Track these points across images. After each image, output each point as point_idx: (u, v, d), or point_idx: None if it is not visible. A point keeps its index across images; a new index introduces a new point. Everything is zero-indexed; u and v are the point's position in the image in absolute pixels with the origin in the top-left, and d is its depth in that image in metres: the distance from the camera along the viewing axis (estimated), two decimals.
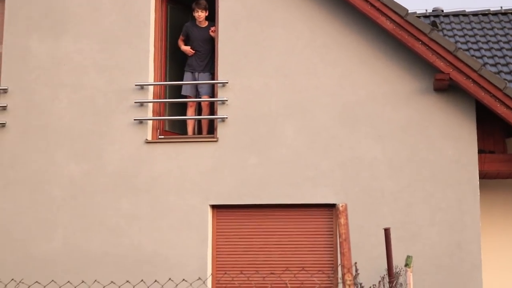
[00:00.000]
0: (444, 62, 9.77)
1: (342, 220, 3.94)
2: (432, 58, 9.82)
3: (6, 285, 6.73)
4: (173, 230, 10.42)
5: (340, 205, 3.92)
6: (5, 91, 11.09)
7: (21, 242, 10.69)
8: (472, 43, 14.04)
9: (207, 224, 10.40)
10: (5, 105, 11.04)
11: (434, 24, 14.86)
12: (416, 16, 12.81)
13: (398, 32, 9.93)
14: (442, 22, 15.54)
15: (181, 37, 11.35)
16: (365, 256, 9.68)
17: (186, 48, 11.24)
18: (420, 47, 9.86)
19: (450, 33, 14.63)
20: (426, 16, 16.23)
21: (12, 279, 7.07)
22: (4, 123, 11.00)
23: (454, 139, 10.06)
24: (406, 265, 8.83)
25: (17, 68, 11.17)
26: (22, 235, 10.71)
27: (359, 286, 6.41)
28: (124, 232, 10.51)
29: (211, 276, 10.15)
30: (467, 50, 13.62)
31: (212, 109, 11.03)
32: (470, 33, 14.61)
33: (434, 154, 10.08)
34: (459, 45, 13.77)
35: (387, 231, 8.37)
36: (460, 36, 14.41)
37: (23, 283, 7.22)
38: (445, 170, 10.03)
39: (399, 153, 10.14)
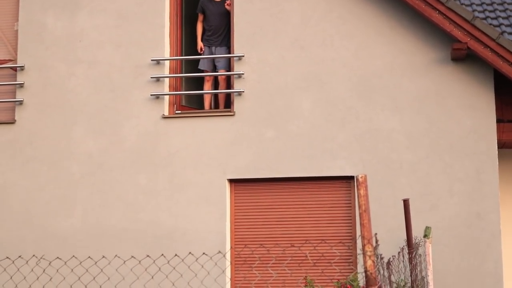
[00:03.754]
0: (461, 31, 9.69)
1: (361, 191, 3.92)
2: (449, 28, 9.74)
3: (27, 261, 6.78)
4: (192, 204, 10.44)
5: (360, 176, 3.90)
6: (22, 68, 11.12)
7: (41, 218, 10.76)
8: (490, 11, 13.90)
9: (225, 198, 10.42)
10: (22, 82, 11.06)
11: None
12: None
13: (415, 1, 9.85)
14: None
15: (199, 17, 11.26)
16: (384, 227, 9.68)
17: (200, 45, 11.16)
18: (437, 17, 9.78)
19: (467, 2, 14.47)
20: None
21: (34, 255, 7.12)
22: (21, 101, 11.04)
23: (472, 109, 10.00)
24: (425, 236, 8.82)
25: (33, 45, 11.18)
26: (41, 211, 10.78)
27: (379, 257, 6.40)
28: (142, 208, 10.55)
29: (230, 250, 10.18)
30: (485, 18, 13.48)
31: (228, 83, 11.01)
32: (488, 1, 14.45)
33: (452, 124, 10.03)
34: (476, 13, 13.63)
35: (406, 202, 8.35)
36: (477, 5, 14.26)
37: (44, 259, 7.26)
38: (463, 140, 9.98)
39: (417, 124, 10.09)
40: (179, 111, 10.94)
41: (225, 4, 11.08)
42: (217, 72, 11.11)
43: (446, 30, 9.78)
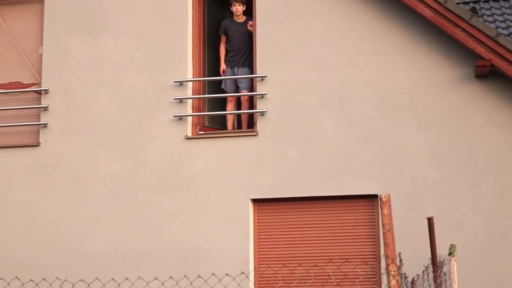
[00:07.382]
0: (485, 48, 9.64)
1: (385, 211, 3.89)
2: (472, 45, 9.70)
3: (51, 284, 6.79)
4: (215, 225, 10.44)
5: (383, 195, 3.87)
6: (46, 91, 11.21)
7: (65, 240, 10.80)
8: None
9: (249, 218, 10.40)
10: (47, 105, 11.15)
11: (474, 10, 14.64)
12: (456, 3, 12.65)
13: (438, 19, 9.82)
14: (482, 7, 15.32)
15: (222, 38, 11.28)
16: (409, 246, 9.58)
17: (223, 66, 11.19)
18: (460, 34, 9.74)
19: (490, 19, 14.43)
20: (465, 2, 16.00)
21: (57, 278, 7.14)
22: (46, 124, 11.12)
23: (496, 126, 9.94)
24: (450, 254, 8.74)
25: (57, 68, 11.27)
26: (66, 233, 10.82)
27: (403, 276, 6.35)
28: (166, 229, 10.56)
29: (254, 270, 10.15)
30: (508, 35, 13.43)
31: (251, 104, 11.02)
32: (511, 17, 14.40)
33: (476, 142, 9.96)
34: (500, 30, 13.58)
35: (430, 221, 8.28)
36: (500, 22, 14.21)
37: (67, 281, 7.28)
38: (488, 158, 9.91)
39: (441, 142, 10.04)
40: (202, 132, 10.96)
41: (248, 25, 11.11)
42: (240, 92, 11.13)
43: (469, 47, 9.75)
